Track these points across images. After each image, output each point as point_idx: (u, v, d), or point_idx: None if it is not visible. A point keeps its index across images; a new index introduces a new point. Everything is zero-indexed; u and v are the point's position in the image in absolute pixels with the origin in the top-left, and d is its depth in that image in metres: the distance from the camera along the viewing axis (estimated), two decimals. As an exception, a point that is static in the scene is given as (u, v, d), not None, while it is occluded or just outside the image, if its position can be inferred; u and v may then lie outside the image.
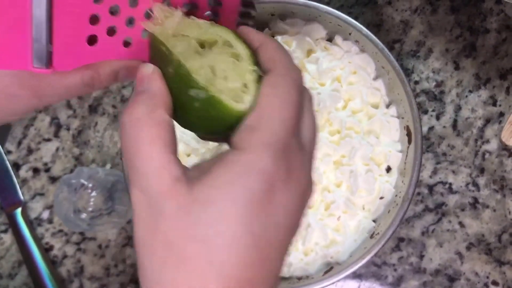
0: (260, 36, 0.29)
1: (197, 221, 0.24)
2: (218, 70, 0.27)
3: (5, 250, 0.56)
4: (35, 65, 0.27)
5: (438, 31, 0.57)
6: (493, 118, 0.55)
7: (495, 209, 0.54)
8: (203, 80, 0.26)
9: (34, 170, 0.57)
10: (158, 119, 0.26)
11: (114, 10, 0.30)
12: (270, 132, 0.25)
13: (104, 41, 0.30)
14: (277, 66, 0.27)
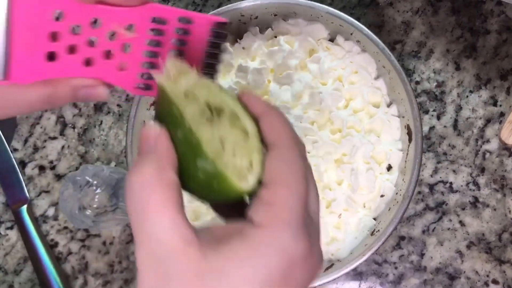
0: (263, 105, 0.28)
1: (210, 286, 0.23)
2: (228, 144, 0.26)
3: (11, 247, 0.57)
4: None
5: (439, 32, 0.57)
6: (494, 118, 0.56)
7: (495, 208, 0.54)
8: (212, 153, 0.26)
9: (40, 168, 0.58)
10: (168, 181, 0.25)
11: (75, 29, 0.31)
12: (289, 209, 0.25)
13: (64, 58, 0.30)
14: (283, 140, 0.27)
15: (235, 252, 0.24)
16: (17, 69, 0.29)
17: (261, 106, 0.28)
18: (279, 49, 0.51)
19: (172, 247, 0.24)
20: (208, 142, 0.26)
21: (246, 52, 0.52)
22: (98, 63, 0.32)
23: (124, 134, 0.56)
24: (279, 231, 0.24)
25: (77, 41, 0.31)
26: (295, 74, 0.51)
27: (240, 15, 0.52)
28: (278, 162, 0.26)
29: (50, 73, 0.30)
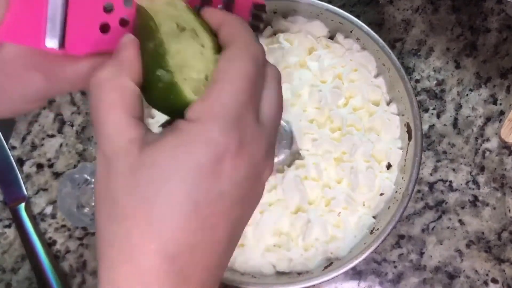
0: (222, 14, 0.29)
1: (141, 181, 0.24)
2: (189, 59, 0.28)
3: (9, 245, 0.57)
4: (47, 44, 0.28)
5: (439, 30, 0.57)
6: (494, 117, 0.55)
7: (495, 207, 0.54)
8: (173, 65, 0.27)
9: (37, 166, 0.58)
10: (120, 84, 0.26)
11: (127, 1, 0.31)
12: (220, 104, 0.25)
13: (117, 31, 0.30)
14: (236, 41, 0.28)
15: (166, 144, 0.25)
16: (72, 39, 0.28)
17: (219, 16, 0.29)
18: (278, 47, 0.51)
19: (117, 145, 0.25)
20: (173, 54, 0.27)
21: (246, 49, 0.52)
22: None
23: (123, 132, 0.56)
24: (208, 124, 0.25)
25: (129, 13, 0.30)
26: (294, 72, 0.51)
27: (239, 13, 0.51)
28: (222, 61, 0.27)
29: (103, 45, 0.30)
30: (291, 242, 0.48)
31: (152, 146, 0.25)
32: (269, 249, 0.48)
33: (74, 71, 0.29)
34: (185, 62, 0.27)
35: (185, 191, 0.24)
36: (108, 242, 0.25)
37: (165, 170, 0.24)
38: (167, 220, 0.24)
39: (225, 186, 0.25)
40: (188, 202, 0.24)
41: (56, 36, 0.28)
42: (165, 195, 0.24)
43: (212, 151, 0.25)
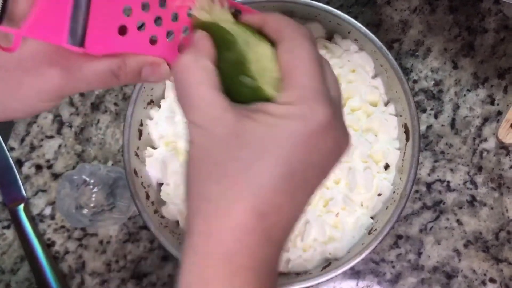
0: (259, 15, 0.32)
1: (243, 145, 0.27)
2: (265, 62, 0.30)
3: (8, 246, 0.57)
4: (69, 41, 0.29)
5: (437, 31, 0.57)
6: (491, 117, 0.56)
7: (492, 207, 0.54)
8: (255, 70, 0.29)
9: (36, 167, 0.58)
10: (203, 65, 0.29)
11: (145, 6, 0.32)
12: (303, 87, 0.28)
13: (134, 34, 0.31)
14: (284, 33, 0.30)
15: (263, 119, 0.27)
16: (92, 39, 0.29)
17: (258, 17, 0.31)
18: (276, 48, 0.51)
19: (213, 114, 0.28)
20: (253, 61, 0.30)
21: (244, 50, 0.52)
22: (162, 43, 0.33)
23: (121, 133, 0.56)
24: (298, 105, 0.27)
25: (146, 18, 0.32)
26: (292, 73, 0.51)
27: (237, 14, 0.51)
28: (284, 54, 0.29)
29: (120, 47, 0.31)
30: (290, 242, 0.48)
31: (249, 118, 0.28)
32: (267, 249, 0.49)
33: (92, 70, 0.31)
34: (263, 66, 0.29)
35: (283, 157, 0.27)
36: (205, 198, 0.28)
37: (265, 139, 0.27)
38: (264, 181, 0.27)
39: (316, 156, 0.27)
40: (285, 166, 0.27)
41: (77, 35, 0.29)
42: (266, 159, 0.27)
43: (306, 126, 0.27)
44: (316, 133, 0.27)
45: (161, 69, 0.33)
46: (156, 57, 0.33)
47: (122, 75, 0.32)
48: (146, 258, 0.56)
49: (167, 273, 0.55)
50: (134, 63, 0.32)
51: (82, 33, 0.29)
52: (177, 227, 0.51)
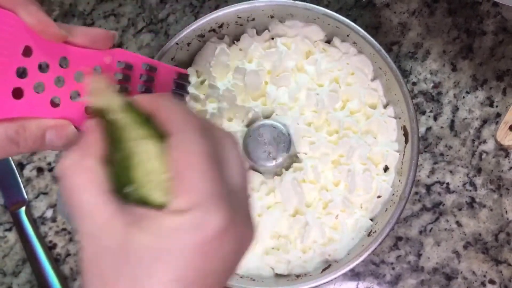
0: (149, 100, 0.29)
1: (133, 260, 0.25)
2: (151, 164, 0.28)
3: (9, 248, 0.57)
4: None
5: (436, 33, 0.58)
6: (490, 119, 0.56)
7: (492, 208, 0.55)
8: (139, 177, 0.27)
9: (38, 170, 0.58)
10: (88, 166, 0.27)
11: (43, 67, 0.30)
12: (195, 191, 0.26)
13: (31, 96, 0.29)
14: (174, 125, 0.28)
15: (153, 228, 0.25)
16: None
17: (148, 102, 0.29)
18: (276, 51, 0.52)
19: (100, 222, 0.26)
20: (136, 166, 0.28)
21: (243, 53, 0.53)
22: (65, 104, 0.31)
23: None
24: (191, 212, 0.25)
25: (45, 79, 0.30)
26: (292, 76, 0.51)
27: (237, 17, 0.52)
28: (173, 152, 0.27)
29: (16, 111, 0.29)
30: (290, 244, 0.49)
31: (138, 228, 0.26)
32: (267, 251, 0.49)
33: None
34: (148, 169, 0.27)
35: (177, 271, 0.25)
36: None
37: (156, 252, 0.25)
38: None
39: (215, 262, 0.26)
40: (179, 283, 0.25)
41: None
42: (156, 275, 0.25)
43: (200, 235, 0.25)
44: (212, 241, 0.25)
45: (67, 132, 0.31)
46: (60, 120, 0.31)
47: (22, 141, 0.30)
48: (147, 260, 0.56)
49: (167, 275, 0.55)
50: (34, 127, 0.30)
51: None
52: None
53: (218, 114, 0.51)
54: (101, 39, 0.32)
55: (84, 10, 0.62)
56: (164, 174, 0.27)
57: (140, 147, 0.28)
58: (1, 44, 0.28)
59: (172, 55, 0.51)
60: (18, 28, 0.28)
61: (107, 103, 0.29)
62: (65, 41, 0.30)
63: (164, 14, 0.61)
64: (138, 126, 0.29)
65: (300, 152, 0.50)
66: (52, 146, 0.31)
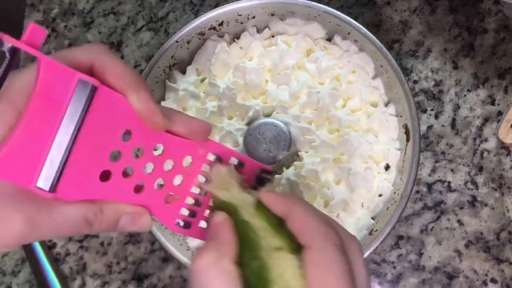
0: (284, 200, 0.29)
1: None
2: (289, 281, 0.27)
3: (9, 248, 0.57)
4: (38, 185, 0.25)
5: (437, 31, 0.57)
6: (492, 117, 0.56)
7: (493, 207, 0.54)
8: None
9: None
10: (225, 269, 0.26)
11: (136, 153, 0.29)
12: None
13: (118, 180, 0.28)
14: (312, 238, 0.27)
15: None
16: (68, 183, 0.26)
17: (284, 204, 0.29)
18: (276, 49, 0.51)
19: None
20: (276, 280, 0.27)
21: (244, 51, 0.52)
22: (148, 192, 0.30)
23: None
24: None
25: (135, 164, 0.29)
26: (292, 74, 0.51)
27: (237, 15, 0.51)
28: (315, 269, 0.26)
29: (99, 194, 0.28)
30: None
31: None
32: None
33: (63, 216, 0.27)
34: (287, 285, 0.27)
35: None
36: None
37: None
38: None
39: None
40: None
41: (50, 178, 0.26)
42: None
43: None
44: None
45: (142, 221, 0.30)
46: (137, 207, 0.30)
47: (97, 224, 0.28)
48: (147, 259, 0.56)
49: (168, 274, 0.55)
50: (112, 212, 0.29)
51: (57, 176, 0.26)
52: (177, 228, 0.51)
53: (218, 112, 0.51)
54: (200, 132, 0.31)
55: (84, 9, 0.61)
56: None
57: (277, 260, 0.27)
58: (105, 127, 0.27)
59: (172, 53, 0.51)
60: (125, 112, 0.27)
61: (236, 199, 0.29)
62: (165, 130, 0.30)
63: (164, 12, 0.61)
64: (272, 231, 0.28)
65: (301, 150, 0.50)
66: (122, 230, 0.30)
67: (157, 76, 0.51)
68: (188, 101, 0.52)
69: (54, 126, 0.25)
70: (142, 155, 0.29)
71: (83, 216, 0.28)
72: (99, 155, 0.27)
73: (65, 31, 0.61)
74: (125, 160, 0.28)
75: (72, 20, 0.61)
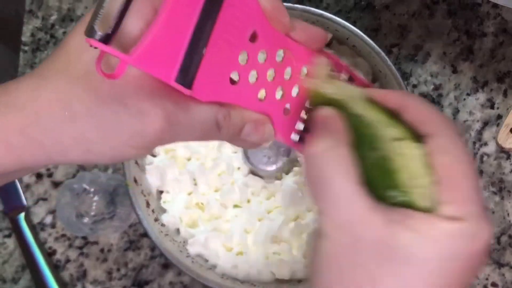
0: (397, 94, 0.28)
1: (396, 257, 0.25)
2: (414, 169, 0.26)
3: (9, 255, 0.57)
4: (177, 80, 0.25)
5: (436, 35, 0.57)
6: (491, 121, 0.56)
7: (494, 211, 0.54)
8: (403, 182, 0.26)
9: (37, 175, 0.58)
10: (341, 154, 0.26)
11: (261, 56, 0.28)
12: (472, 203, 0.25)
13: (244, 84, 0.28)
14: (434, 127, 0.27)
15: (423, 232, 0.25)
16: (201, 82, 0.26)
17: (397, 98, 0.28)
18: (275, 54, 0.51)
19: (356, 214, 0.25)
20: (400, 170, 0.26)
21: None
22: (270, 100, 0.29)
23: (121, 141, 0.56)
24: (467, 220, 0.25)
25: (260, 69, 0.28)
26: (291, 79, 0.51)
27: (235, 21, 0.51)
28: (442, 156, 0.26)
29: (228, 97, 0.27)
30: (291, 249, 0.48)
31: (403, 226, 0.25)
32: (268, 256, 0.49)
33: (198, 115, 0.27)
34: (414, 173, 0.26)
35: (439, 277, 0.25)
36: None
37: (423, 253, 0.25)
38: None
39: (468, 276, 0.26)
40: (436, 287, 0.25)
41: (187, 75, 0.25)
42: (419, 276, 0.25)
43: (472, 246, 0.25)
44: (479, 254, 0.25)
45: (265, 129, 0.29)
46: (261, 115, 0.29)
47: (225, 128, 0.28)
48: (147, 265, 0.56)
49: (168, 280, 0.55)
50: (239, 117, 0.28)
51: (194, 73, 0.25)
52: (177, 235, 0.51)
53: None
54: (318, 38, 0.31)
55: (82, 15, 0.61)
56: (428, 178, 0.26)
57: (400, 149, 0.26)
58: (236, 26, 0.27)
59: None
60: (253, 11, 0.27)
61: (344, 94, 0.28)
62: (287, 33, 0.29)
63: (162, 18, 0.61)
64: (389, 123, 0.27)
65: (300, 156, 0.50)
66: (245, 140, 0.29)
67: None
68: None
69: (191, 21, 0.25)
70: (266, 60, 0.29)
71: (214, 118, 0.27)
72: (230, 56, 0.27)
73: (64, 37, 0.61)
74: (252, 64, 0.28)
75: (71, 26, 0.61)
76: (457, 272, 0.25)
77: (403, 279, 0.25)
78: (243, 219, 0.49)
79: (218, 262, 0.49)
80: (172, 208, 0.50)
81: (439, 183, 0.26)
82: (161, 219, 0.50)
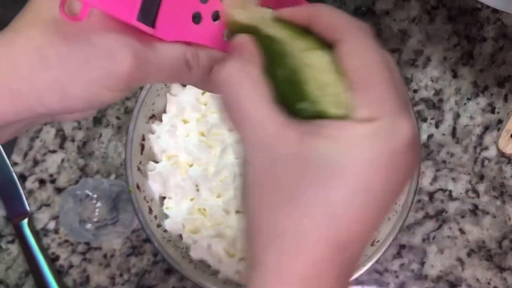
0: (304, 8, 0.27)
1: (315, 168, 0.23)
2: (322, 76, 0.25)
3: (12, 261, 0.57)
4: (139, 18, 0.25)
5: (436, 40, 0.58)
6: (492, 125, 0.56)
7: (495, 215, 0.54)
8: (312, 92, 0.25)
9: (40, 181, 0.58)
10: (252, 74, 0.26)
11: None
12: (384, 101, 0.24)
13: (208, 24, 0.28)
14: (343, 31, 0.25)
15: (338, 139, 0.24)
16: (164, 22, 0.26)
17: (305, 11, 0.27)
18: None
19: (271, 130, 0.24)
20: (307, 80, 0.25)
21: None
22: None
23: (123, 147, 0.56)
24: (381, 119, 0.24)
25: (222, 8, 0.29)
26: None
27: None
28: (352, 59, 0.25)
29: (192, 36, 0.28)
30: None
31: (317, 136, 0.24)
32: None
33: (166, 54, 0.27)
34: (323, 81, 0.25)
35: (362, 182, 0.23)
36: (275, 232, 0.24)
37: (340, 161, 0.23)
38: (340, 209, 0.23)
39: (396, 177, 0.24)
40: (364, 193, 0.23)
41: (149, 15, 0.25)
42: (341, 184, 0.23)
43: (391, 145, 0.23)
44: (400, 152, 0.24)
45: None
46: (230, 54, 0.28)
47: (195, 68, 0.28)
48: (150, 271, 0.56)
49: (171, 286, 0.55)
50: (206, 57, 0.29)
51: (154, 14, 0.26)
52: (180, 240, 0.51)
53: (219, 124, 0.51)
54: None
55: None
56: (338, 85, 0.25)
57: (308, 59, 0.25)
58: None
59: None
60: None
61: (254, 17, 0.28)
62: None
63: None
64: (297, 38, 0.26)
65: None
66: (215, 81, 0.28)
67: (159, 89, 0.52)
68: (190, 113, 0.52)
69: None
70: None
71: (182, 56, 0.28)
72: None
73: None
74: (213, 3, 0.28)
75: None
76: (381, 173, 0.23)
77: (323, 191, 0.23)
78: (246, 224, 0.49)
79: (221, 267, 0.49)
80: (175, 214, 0.50)
81: (352, 88, 0.24)
82: (164, 225, 0.51)
